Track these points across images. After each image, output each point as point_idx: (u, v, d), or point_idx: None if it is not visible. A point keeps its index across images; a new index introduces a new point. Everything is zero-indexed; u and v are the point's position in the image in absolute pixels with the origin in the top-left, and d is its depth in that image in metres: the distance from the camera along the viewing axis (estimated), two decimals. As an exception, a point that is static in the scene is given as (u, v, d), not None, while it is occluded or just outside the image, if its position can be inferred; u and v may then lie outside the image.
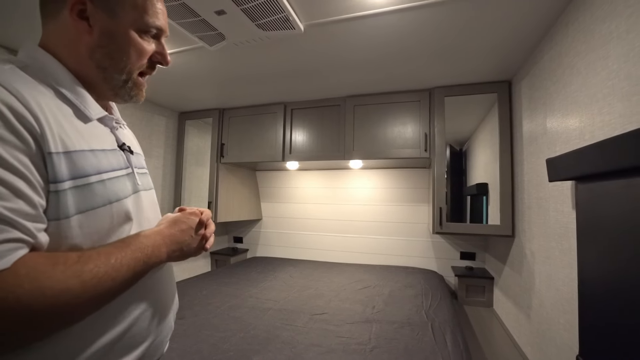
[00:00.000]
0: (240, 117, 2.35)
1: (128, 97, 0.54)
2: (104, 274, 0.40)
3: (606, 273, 0.80)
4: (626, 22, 0.77)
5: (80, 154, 0.43)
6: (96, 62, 0.48)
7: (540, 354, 1.28)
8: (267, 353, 1.08)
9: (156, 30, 0.53)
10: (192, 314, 1.41)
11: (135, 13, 0.49)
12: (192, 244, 0.56)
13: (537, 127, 1.36)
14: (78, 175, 0.42)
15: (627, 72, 0.77)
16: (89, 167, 0.44)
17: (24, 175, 0.37)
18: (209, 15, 1.13)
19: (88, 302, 0.40)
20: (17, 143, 0.36)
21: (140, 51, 0.51)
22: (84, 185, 0.43)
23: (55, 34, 0.47)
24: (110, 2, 0.47)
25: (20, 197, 0.36)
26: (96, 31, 0.47)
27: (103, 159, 0.47)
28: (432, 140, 1.88)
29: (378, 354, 1.10)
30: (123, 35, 0.49)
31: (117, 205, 0.47)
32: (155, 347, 0.54)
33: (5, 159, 0.35)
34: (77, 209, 0.42)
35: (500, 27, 1.24)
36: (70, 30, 0.46)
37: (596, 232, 0.85)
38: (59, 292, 0.36)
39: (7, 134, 0.36)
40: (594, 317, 0.85)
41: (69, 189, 0.41)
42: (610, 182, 0.77)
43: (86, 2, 0.46)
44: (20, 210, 0.36)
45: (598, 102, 0.90)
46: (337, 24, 1.23)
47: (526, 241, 1.48)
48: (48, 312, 0.36)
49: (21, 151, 0.37)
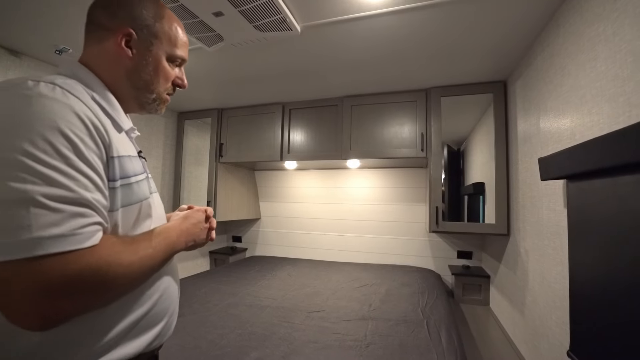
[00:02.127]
0: (239, 117, 2.37)
1: (153, 111, 0.65)
2: (150, 255, 0.51)
3: (596, 270, 0.81)
4: (613, 25, 0.79)
5: (124, 159, 0.52)
6: (132, 82, 0.58)
7: (534, 351, 1.30)
8: (265, 349, 1.10)
9: (180, 60, 0.64)
10: (191, 311, 1.42)
11: (167, 46, 0.60)
12: (201, 235, 0.66)
13: (531, 127, 1.38)
14: (124, 176, 0.51)
15: (613, 74, 0.79)
16: (129, 170, 0.52)
17: (100, 174, 0.46)
18: (207, 17, 1.15)
19: (140, 276, 0.50)
20: (96, 149, 0.45)
21: (167, 76, 0.61)
22: (127, 185, 0.51)
23: (98, 55, 0.55)
24: (150, 36, 0.57)
25: (99, 190, 0.45)
26: (136, 58, 0.56)
27: (135, 163, 0.55)
28: (428, 140, 1.90)
29: (373, 350, 1.12)
30: (156, 62, 0.59)
31: (145, 203, 0.55)
32: (167, 328, 0.60)
33: (90, 161, 0.44)
34: (122, 203, 0.50)
35: (495, 28, 1.26)
36: (113, 54, 0.55)
37: (586, 230, 0.87)
38: (128, 264, 0.46)
39: (90, 142, 0.45)
40: (583, 313, 0.87)
41: (119, 187, 0.49)
42: (598, 181, 0.79)
43: (132, 35, 0.55)
44: (100, 201, 0.45)
45: (587, 103, 0.92)
46: (334, 25, 1.25)
47: (521, 239, 1.50)
48: (122, 279, 0.46)
49: (97, 156, 0.46)
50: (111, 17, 0.55)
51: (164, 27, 0.59)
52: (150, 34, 0.57)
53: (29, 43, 1.46)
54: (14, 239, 0.37)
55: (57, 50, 1.49)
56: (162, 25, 0.59)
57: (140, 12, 0.56)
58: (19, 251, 0.37)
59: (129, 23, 0.55)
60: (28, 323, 0.39)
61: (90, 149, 0.44)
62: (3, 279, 0.37)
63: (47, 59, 1.63)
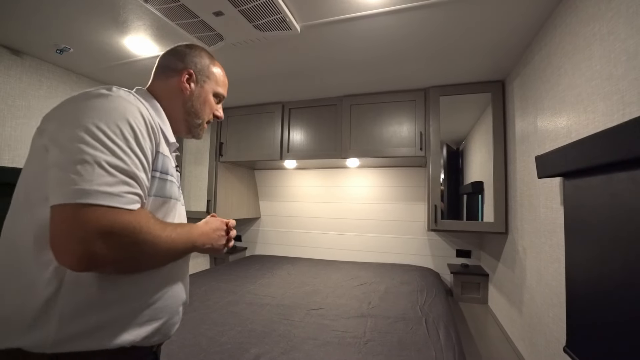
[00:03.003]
0: (239, 117, 2.38)
1: (197, 135, 0.79)
2: (173, 239, 0.57)
3: (591, 266, 0.82)
4: (607, 24, 0.80)
5: (167, 158, 0.63)
6: (186, 109, 0.73)
7: (531, 348, 1.31)
8: (264, 345, 1.11)
9: (221, 97, 0.81)
10: (191, 309, 1.43)
11: (214, 85, 0.78)
12: (219, 241, 0.73)
13: (528, 126, 1.40)
14: (164, 171, 0.62)
15: (608, 73, 0.80)
16: (168, 168, 0.63)
17: (149, 161, 0.57)
18: (207, 16, 1.16)
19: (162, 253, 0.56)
20: (149, 142, 0.57)
21: (212, 107, 0.79)
22: (163, 179, 0.62)
23: (164, 88, 0.72)
24: (203, 76, 0.75)
25: (145, 172, 0.55)
26: (192, 91, 0.73)
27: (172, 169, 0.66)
28: (427, 139, 1.91)
29: (372, 346, 1.13)
30: (205, 96, 0.76)
31: (172, 201, 0.65)
32: (168, 327, 0.63)
33: (144, 149, 0.55)
34: (155, 192, 0.60)
35: (493, 28, 1.27)
36: (176, 88, 0.72)
37: (582, 227, 0.88)
38: (156, 236, 0.53)
39: (146, 135, 0.56)
40: (580, 310, 0.88)
41: (157, 178, 0.60)
42: (593, 178, 0.80)
43: (192, 75, 0.73)
44: (144, 180, 0.55)
45: (583, 102, 0.93)
46: (333, 25, 1.26)
47: (518, 238, 1.51)
48: (150, 247, 0.52)
49: (149, 147, 0.57)
50: (178, 62, 0.73)
51: (213, 71, 0.77)
52: (204, 75, 0.75)
53: (30, 42, 1.47)
54: (76, 187, 0.46)
55: (58, 49, 1.50)
56: (212, 70, 0.77)
57: (200, 60, 0.75)
58: (79, 196, 0.45)
59: (191, 66, 0.73)
60: (70, 260, 0.46)
61: (146, 140, 0.56)
62: (63, 219, 0.46)
63: (48, 58, 1.64)
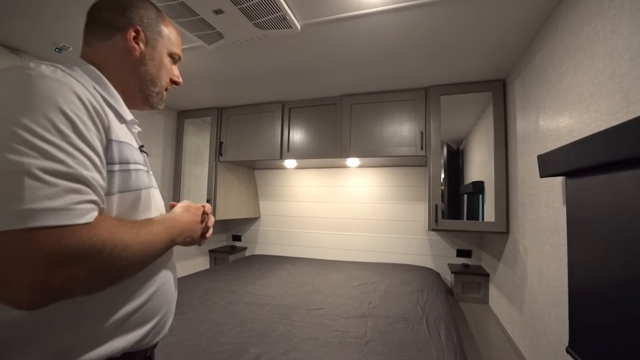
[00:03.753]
0: (239, 116, 2.37)
1: (156, 105, 0.67)
2: (150, 241, 0.49)
3: (594, 266, 0.82)
4: (610, 22, 0.80)
5: (124, 144, 0.52)
6: (139, 76, 0.61)
7: (532, 348, 1.30)
8: (264, 346, 1.10)
9: (178, 57, 0.69)
10: (191, 309, 1.43)
11: (168, 44, 0.65)
12: (198, 232, 0.65)
13: (529, 125, 1.39)
14: (123, 161, 0.51)
15: (611, 71, 0.80)
16: (129, 157, 0.53)
17: (99, 155, 0.46)
18: (208, 15, 1.16)
19: (139, 261, 0.48)
20: (95, 130, 0.46)
21: (169, 72, 0.67)
22: (125, 171, 0.52)
23: (105, 52, 0.59)
24: (154, 34, 0.63)
25: (97, 170, 0.45)
26: (143, 53, 0.61)
27: (135, 153, 0.56)
28: (428, 138, 1.91)
29: (373, 346, 1.12)
30: (160, 58, 0.64)
31: (144, 192, 0.55)
32: (161, 326, 0.59)
33: (89, 141, 0.44)
34: (118, 188, 0.50)
35: (494, 27, 1.27)
36: (122, 50, 0.59)
37: (584, 226, 0.87)
38: (126, 246, 0.44)
39: (90, 123, 0.45)
40: (582, 310, 0.88)
41: (117, 171, 0.50)
42: (596, 177, 0.79)
43: (140, 32, 0.60)
44: (98, 180, 0.44)
45: (585, 100, 0.92)
46: (334, 23, 1.26)
47: (520, 237, 1.50)
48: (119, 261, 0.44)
49: (97, 137, 0.46)
50: (119, 17, 0.59)
51: (164, 28, 0.65)
52: (154, 32, 0.63)
53: (29, 41, 1.46)
54: (6, 209, 0.36)
55: (57, 48, 1.50)
56: (163, 25, 0.65)
57: (146, 12, 0.62)
58: (10, 222, 0.36)
59: (136, 22, 0.60)
60: (17, 299, 0.37)
61: (90, 129, 0.44)
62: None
63: (47, 57, 1.63)
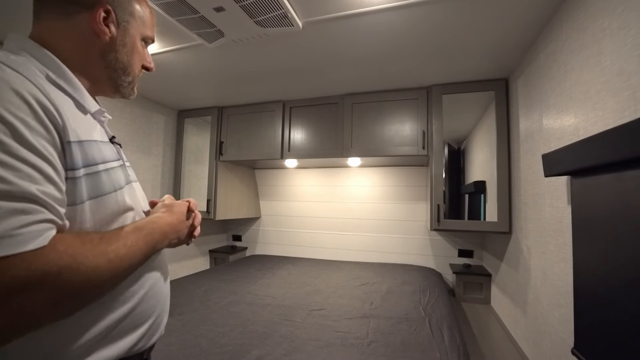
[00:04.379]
0: (239, 115, 2.36)
1: (128, 94, 0.60)
2: (124, 254, 0.44)
3: (600, 266, 0.81)
4: (618, 19, 0.79)
5: (89, 143, 0.46)
6: (108, 63, 0.53)
7: (536, 349, 1.29)
8: (266, 347, 1.09)
9: (150, 41, 0.61)
10: (191, 309, 1.41)
11: (142, 26, 0.57)
12: (185, 232, 0.61)
13: (533, 124, 1.38)
14: (89, 164, 0.45)
15: (619, 68, 0.78)
16: (97, 157, 0.47)
17: (52, 162, 0.39)
18: (208, 12, 1.14)
19: (111, 280, 0.43)
20: (44, 133, 0.39)
21: (142, 58, 0.60)
22: (94, 173, 0.46)
23: (63, 31, 0.49)
24: (125, 14, 0.54)
25: (50, 182, 0.38)
26: (114, 37, 0.53)
27: (103, 149, 0.49)
28: (429, 137, 1.90)
29: (375, 347, 1.11)
30: (133, 44, 0.56)
31: (120, 193, 0.50)
32: (156, 327, 0.56)
33: (36, 147, 0.37)
34: (88, 195, 0.44)
35: (497, 25, 1.25)
36: (87, 32, 0.50)
37: (590, 226, 0.86)
38: (91, 268, 0.39)
39: (36, 125, 0.38)
40: (588, 311, 0.87)
41: (83, 176, 0.44)
42: (602, 176, 0.78)
43: (110, 12, 0.51)
44: (51, 194, 0.38)
45: (591, 99, 0.91)
46: (335, 21, 1.24)
47: (523, 237, 1.49)
48: (84, 286, 0.39)
49: (48, 140, 0.39)
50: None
51: (138, 7, 0.56)
52: (126, 13, 0.54)
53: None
54: None
55: None
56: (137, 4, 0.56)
57: None
58: None
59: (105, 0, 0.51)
60: None
61: (36, 133, 0.37)
62: None
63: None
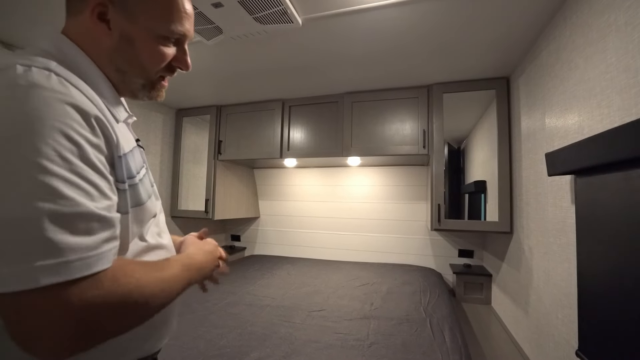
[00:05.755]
0: (238, 114, 2.34)
1: (147, 97, 0.53)
2: (171, 286, 0.44)
3: (606, 267, 0.79)
4: (625, 15, 0.77)
5: (128, 155, 0.45)
6: (115, 65, 0.47)
7: (538, 350, 1.28)
8: (265, 349, 1.07)
9: (179, 36, 0.50)
10: (190, 310, 1.39)
11: (157, 18, 0.46)
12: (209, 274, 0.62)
13: (535, 123, 1.36)
14: (130, 176, 0.45)
15: (625, 65, 0.77)
16: (133, 168, 0.46)
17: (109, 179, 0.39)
18: (206, 8, 1.12)
19: (160, 306, 0.43)
20: (102, 147, 0.39)
21: (160, 57, 0.49)
22: (134, 185, 0.46)
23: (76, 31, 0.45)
24: (130, 5, 0.44)
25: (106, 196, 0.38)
26: (115, 35, 0.45)
27: (136, 157, 0.49)
28: (430, 136, 1.88)
29: (376, 349, 1.09)
30: (142, 41, 0.46)
31: (150, 201, 0.51)
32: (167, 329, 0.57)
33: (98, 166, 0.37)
34: (131, 204, 0.45)
35: (498, 23, 1.24)
36: (90, 31, 0.44)
37: (596, 226, 0.84)
38: (152, 292, 0.40)
39: (95, 139, 0.37)
40: (594, 312, 0.85)
41: (128, 189, 0.44)
42: (609, 175, 0.77)
43: (107, 5, 0.43)
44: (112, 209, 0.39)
45: (596, 96, 0.89)
46: (335, 17, 1.23)
47: (524, 237, 1.48)
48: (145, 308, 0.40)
49: (105, 155, 0.39)
50: None
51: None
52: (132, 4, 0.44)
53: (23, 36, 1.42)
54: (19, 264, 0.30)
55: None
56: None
57: None
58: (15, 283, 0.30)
59: None
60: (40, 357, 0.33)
61: (97, 149, 0.37)
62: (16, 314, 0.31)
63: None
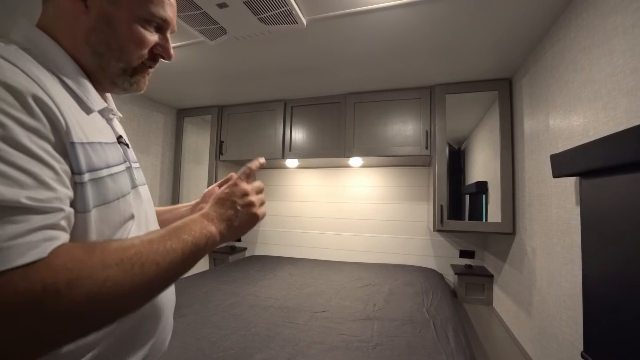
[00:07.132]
0: (240, 115, 2.33)
1: (128, 86, 0.50)
2: (145, 259, 0.37)
3: (611, 268, 0.79)
4: (632, 17, 0.77)
5: (94, 146, 0.41)
6: (92, 47, 0.44)
7: (542, 351, 1.28)
8: (269, 351, 1.07)
9: (160, 22, 0.48)
10: (193, 311, 1.39)
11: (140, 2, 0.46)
12: (241, 217, 0.53)
13: (538, 125, 1.37)
14: (93, 169, 0.40)
15: (633, 67, 0.77)
16: (100, 161, 0.42)
17: (51, 166, 0.34)
18: (211, 8, 1.12)
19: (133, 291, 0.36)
20: (43, 132, 0.34)
21: (140, 41, 0.47)
22: (98, 179, 0.41)
23: (53, 15, 0.44)
24: None
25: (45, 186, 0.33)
26: (93, 14, 0.43)
27: (108, 152, 0.45)
28: (432, 137, 1.88)
29: (381, 351, 1.09)
30: (122, 22, 0.45)
31: (123, 201, 0.45)
32: (159, 345, 0.54)
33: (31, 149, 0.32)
34: (94, 203, 0.40)
35: (501, 25, 1.24)
36: (67, 11, 0.43)
37: (601, 228, 0.85)
38: (100, 281, 0.33)
39: (32, 122, 0.33)
40: (599, 313, 0.85)
41: (88, 182, 0.39)
42: (615, 178, 0.77)
43: None
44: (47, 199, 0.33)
45: (602, 98, 0.90)
46: (340, 18, 1.22)
47: (527, 238, 1.48)
48: (92, 304, 0.33)
49: (47, 140, 0.34)
50: None
51: None
52: None
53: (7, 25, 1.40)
54: None
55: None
56: None
57: None
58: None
59: None
60: None
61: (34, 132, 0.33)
62: None
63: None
